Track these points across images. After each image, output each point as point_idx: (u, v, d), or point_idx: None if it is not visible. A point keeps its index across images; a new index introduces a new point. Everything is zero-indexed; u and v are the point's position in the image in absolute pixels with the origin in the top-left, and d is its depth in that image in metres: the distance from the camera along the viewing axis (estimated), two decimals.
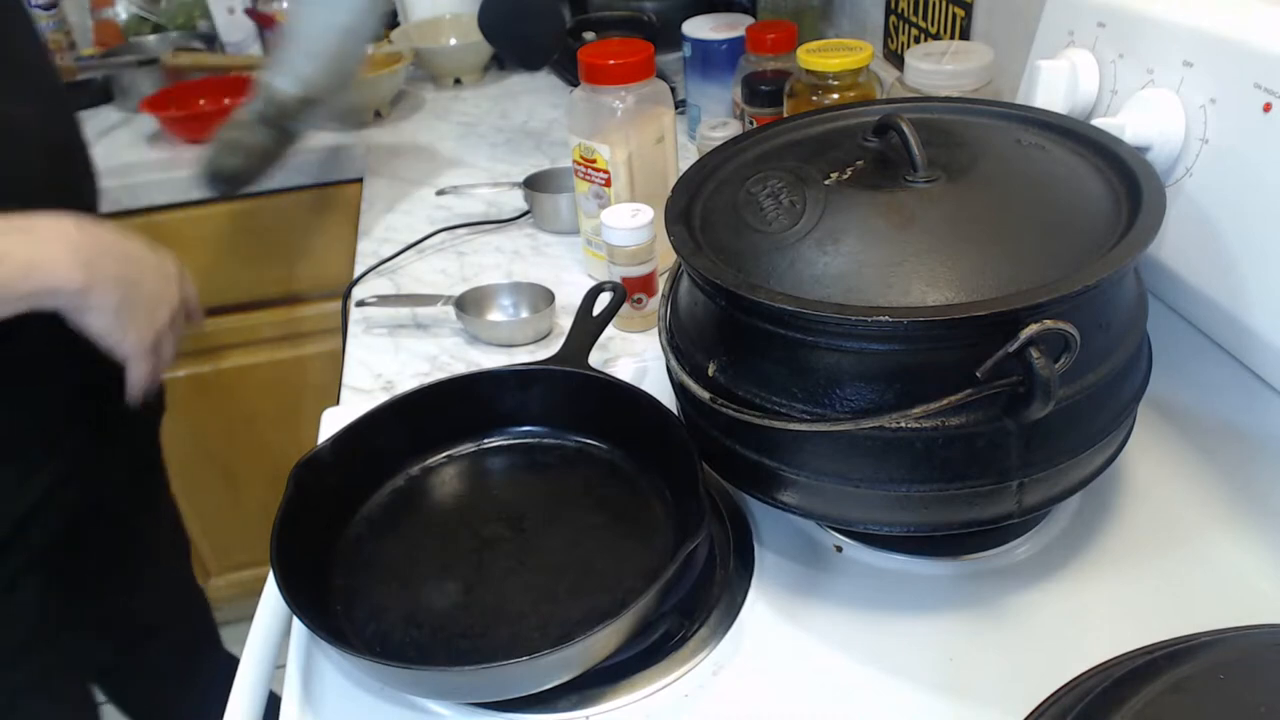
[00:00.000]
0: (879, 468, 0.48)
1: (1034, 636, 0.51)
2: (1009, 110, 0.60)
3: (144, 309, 0.68)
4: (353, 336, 0.84)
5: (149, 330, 0.69)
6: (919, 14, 1.10)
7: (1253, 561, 0.53)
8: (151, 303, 0.69)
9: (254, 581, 1.60)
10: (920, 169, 0.51)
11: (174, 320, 0.72)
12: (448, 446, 0.65)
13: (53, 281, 0.62)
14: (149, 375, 0.72)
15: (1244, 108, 0.53)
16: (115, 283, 0.65)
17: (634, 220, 0.75)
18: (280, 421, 1.42)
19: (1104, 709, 0.40)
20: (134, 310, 0.67)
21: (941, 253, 0.48)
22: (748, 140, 0.62)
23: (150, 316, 0.69)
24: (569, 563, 0.56)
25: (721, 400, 0.51)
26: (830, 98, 0.83)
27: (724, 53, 1.08)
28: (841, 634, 0.52)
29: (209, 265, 1.28)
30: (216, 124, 0.98)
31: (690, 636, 0.52)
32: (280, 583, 0.50)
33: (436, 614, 0.53)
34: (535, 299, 0.83)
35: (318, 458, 0.58)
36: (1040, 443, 0.47)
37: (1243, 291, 0.55)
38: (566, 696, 0.50)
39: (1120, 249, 0.46)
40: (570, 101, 0.82)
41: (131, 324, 0.67)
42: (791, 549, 0.58)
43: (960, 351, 0.44)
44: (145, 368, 0.71)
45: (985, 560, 0.55)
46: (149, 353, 0.70)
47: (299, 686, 0.53)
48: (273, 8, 1.45)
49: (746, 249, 0.51)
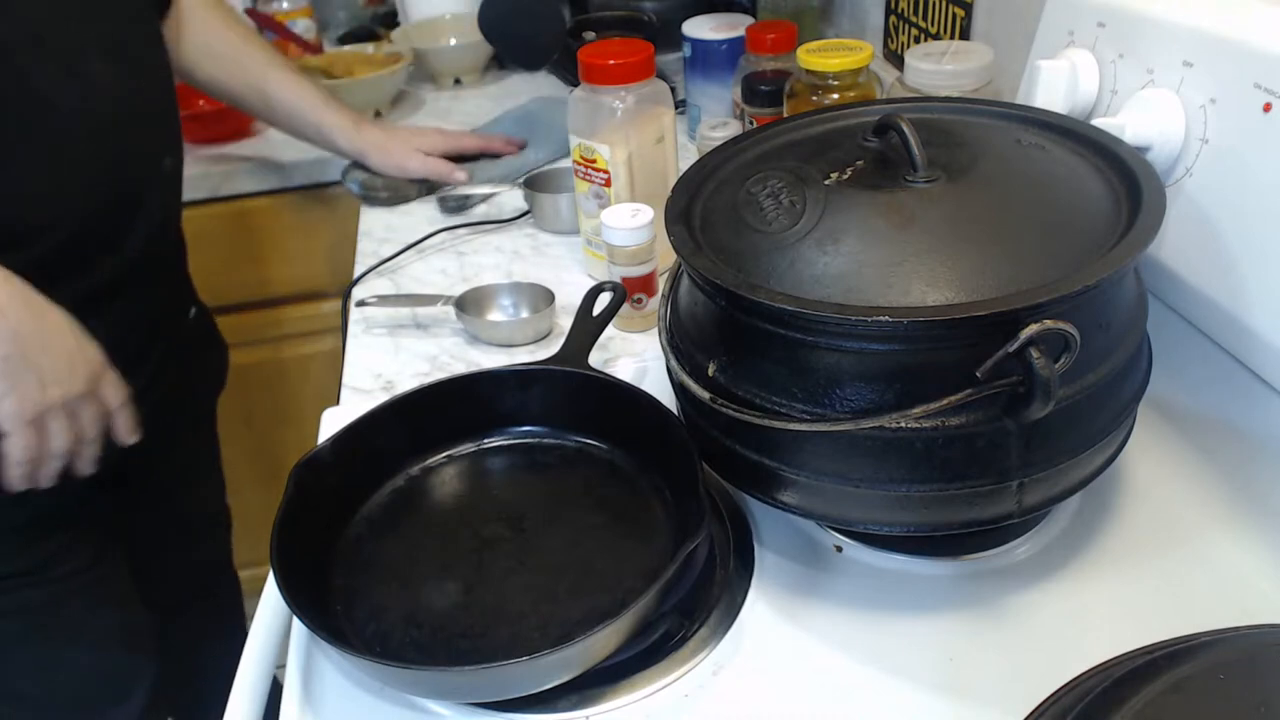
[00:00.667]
0: (879, 468, 0.48)
1: (1034, 636, 0.51)
2: (1009, 110, 0.60)
3: (32, 380, 0.65)
4: (353, 336, 0.84)
5: (31, 403, 0.66)
6: (919, 14, 1.10)
7: (1253, 561, 0.53)
8: (43, 375, 0.66)
9: (254, 581, 1.60)
10: (920, 169, 0.51)
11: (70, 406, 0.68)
12: (448, 446, 0.65)
13: None
14: (28, 453, 0.68)
15: (1244, 108, 0.53)
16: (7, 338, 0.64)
17: (634, 220, 0.75)
18: (280, 421, 1.42)
19: (1104, 709, 0.40)
20: (18, 375, 0.65)
21: (941, 253, 0.48)
22: (748, 140, 0.62)
23: (39, 388, 0.66)
24: (569, 563, 0.56)
25: (721, 400, 0.51)
26: (830, 98, 0.83)
27: (724, 53, 1.08)
28: (841, 634, 0.52)
29: (209, 265, 1.28)
30: (216, 124, 1.00)
31: (690, 636, 0.52)
32: (280, 583, 0.50)
33: (436, 614, 0.53)
34: (535, 299, 0.83)
35: (318, 458, 0.58)
36: (1040, 443, 0.47)
37: (1243, 291, 0.55)
38: (566, 696, 0.50)
39: (1120, 249, 0.46)
40: (570, 101, 0.82)
41: (12, 389, 0.65)
42: (791, 549, 0.58)
43: (960, 351, 0.44)
44: (23, 442, 0.67)
45: (985, 560, 0.55)
46: (28, 426, 0.66)
47: (299, 686, 0.53)
48: (273, 8, 1.45)
49: (746, 249, 0.51)
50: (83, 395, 0.69)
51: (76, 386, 0.69)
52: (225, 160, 1.23)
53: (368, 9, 1.66)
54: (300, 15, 1.47)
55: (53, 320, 0.67)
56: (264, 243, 1.28)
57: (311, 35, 1.47)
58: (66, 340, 0.68)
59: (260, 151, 1.25)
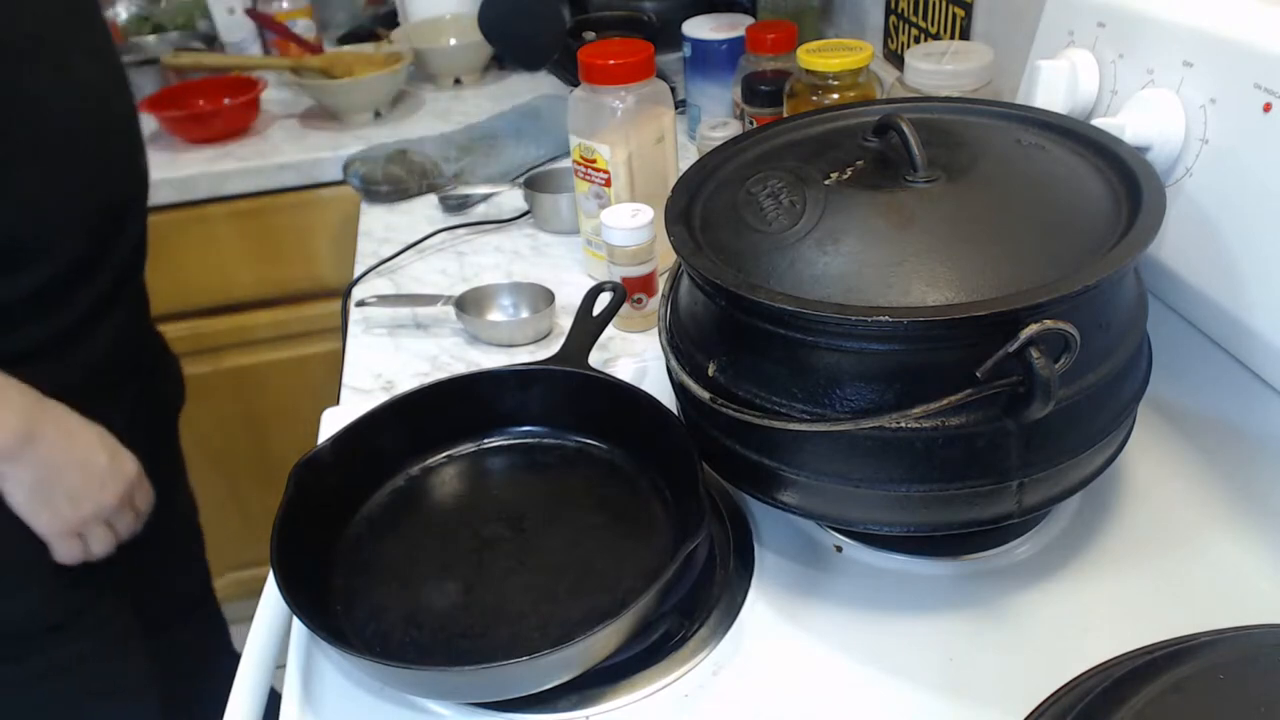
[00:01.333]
0: (879, 468, 0.48)
1: (1034, 636, 0.51)
2: (1009, 110, 0.60)
3: (65, 498, 0.68)
4: (353, 336, 0.84)
5: (64, 521, 0.69)
6: (919, 14, 1.10)
7: (1253, 561, 0.53)
8: (76, 494, 0.69)
9: (254, 581, 1.60)
10: (920, 169, 0.51)
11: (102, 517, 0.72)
12: (448, 446, 0.65)
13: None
14: (70, 556, 0.72)
15: (1244, 108, 0.53)
16: (40, 464, 0.66)
17: (634, 220, 0.75)
18: (280, 421, 1.42)
19: (1104, 709, 0.40)
20: (51, 496, 0.68)
21: (941, 253, 0.48)
22: (748, 140, 0.62)
23: (73, 507, 0.69)
24: (569, 563, 0.56)
25: (721, 400, 0.51)
26: (830, 98, 0.83)
27: (724, 53, 1.08)
28: (841, 634, 0.52)
29: (209, 265, 1.28)
30: (216, 124, 0.99)
31: (690, 636, 0.52)
32: (280, 583, 0.50)
33: (436, 614, 0.53)
34: (535, 299, 0.83)
35: (318, 458, 0.58)
36: (1040, 443, 0.47)
37: (1243, 291, 0.55)
38: (566, 696, 0.50)
39: (1120, 249, 0.46)
40: (570, 101, 0.82)
41: (46, 507, 0.68)
42: (791, 549, 0.58)
43: (960, 351, 0.44)
44: (65, 548, 0.71)
45: (985, 560, 0.55)
46: (67, 536, 0.70)
47: (299, 686, 0.53)
48: (273, 8, 1.45)
49: (746, 249, 0.51)
50: (116, 509, 0.72)
51: (109, 502, 0.72)
52: (225, 160, 1.23)
53: (368, 9, 1.66)
54: (300, 15, 1.47)
55: (85, 440, 0.70)
56: (264, 243, 1.28)
57: (311, 35, 1.47)
58: (99, 459, 0.70)
59: (260, 151, 1.25)
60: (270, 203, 1.25)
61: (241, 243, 1.28)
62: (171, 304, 1.29)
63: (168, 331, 0.94)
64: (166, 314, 1.30)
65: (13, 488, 0.67)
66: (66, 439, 0.68)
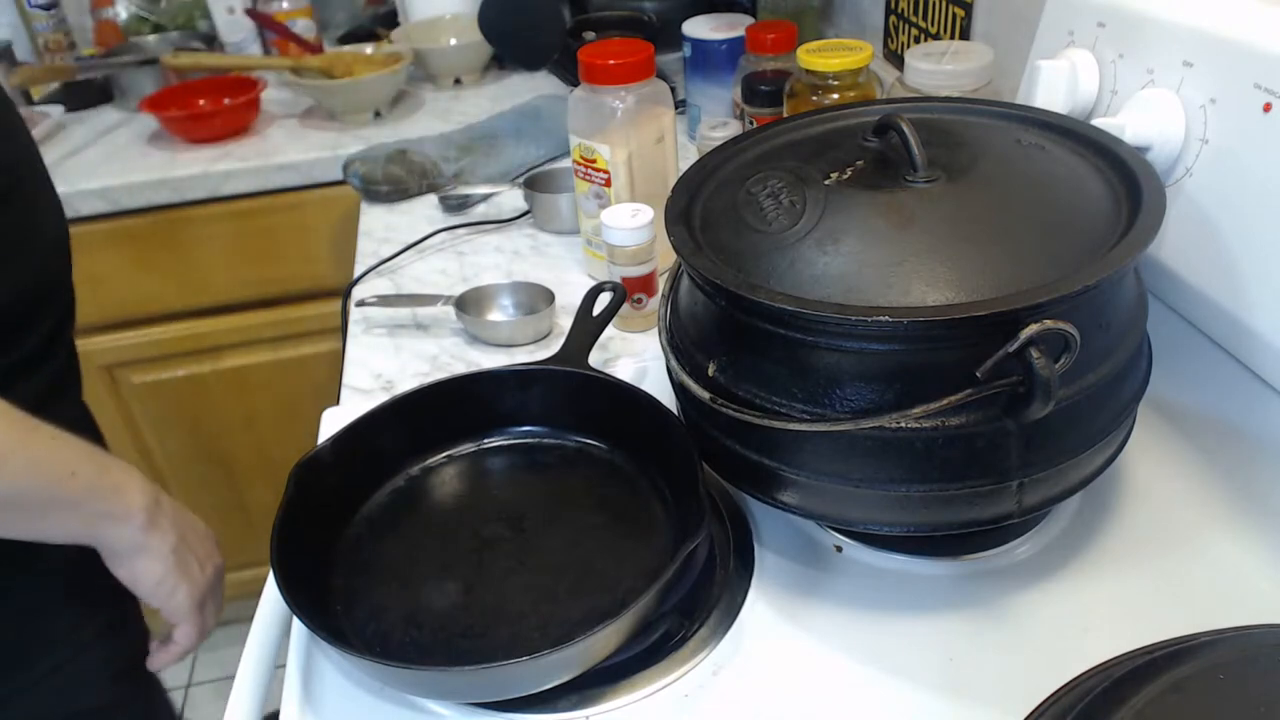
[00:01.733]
0: (879, 468, 0.48)
1: (1034, 636, 0.51)
2: (1009, 110, 0.60)
3: (195, 562, 0.66)
4: (353, 336, 0.84)
5: (199, 589, 0.66)
6: (919, 14, 1.10)
7: (1253, 561, 0.53)
8: (200, 554, 0.66)
9: (254, 581, 1.60)
10: (920, 169, 0.51)
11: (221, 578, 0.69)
12: (448, 446, 0.65)
13: (126, 507, 0.60)
14: (197, 637, 0.68)
15: (1244, 108, 0.53)
16: (173, 527, 0.63)
17: (634, 220, 0.75)
18: (280, 421, 1.42)
19: (1104, 709, 0.40)
20: (185, 562, 0.64)
21: (941, 253, 0.48)
22: (748, 140, 0.62)
23: (200, 573, 0.66)
24: (569, 563, 0.56)
25: (721, 400, 0.51)
26: (830, 98, 0.83)
27: (724, 53, 1.08)
28: (841, 634, 0.52)
29: (209, 265, 1.28)
30: (216, 124, 0.98)
31: (690, 636, 0.52)
32: (280, 583, 0.50)
33: (436, 614, 0.53)
34: (535, 299, 0.83)
35: (318, 458, 0.58)
36: (1040, 443, 0.47)
37: (1243, 291, 0.55)
38: (566, 696, 0.50)
39: (1120, 249, 0.46)
40: (570, 101, 0.82)
41: (185, 578, 0.64)
42: (791, 549, 0.58)
43: (960, 351, 0.44)
44: (194, 629, 0.67)
45: (985, 560, 0.55)
46: (197, 610, 0.66)
47: (299, 686, 0.52)
48: (273, 8, 1.45)
49: (746, 249, 0.51)
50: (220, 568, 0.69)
51: (217, 559, 0.69)
52: (225, 160, 1.23)
53: (368, 9, 1.66)
54: (300, 15, 1.47)
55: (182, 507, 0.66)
56: (264, 243, 1.28)
57: (311, 35, 1.47)
58: (192, 518, 0.68)
59: (260, 151, 1.25)
60: (270, 203, 1.25)
61: (241, 243, 1.28)
62: (171, 304, 1.30)
63: (167, 332, 0.94)
64: (166, 314, 1.30)
65: (152, 564, 0.62)
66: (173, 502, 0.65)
